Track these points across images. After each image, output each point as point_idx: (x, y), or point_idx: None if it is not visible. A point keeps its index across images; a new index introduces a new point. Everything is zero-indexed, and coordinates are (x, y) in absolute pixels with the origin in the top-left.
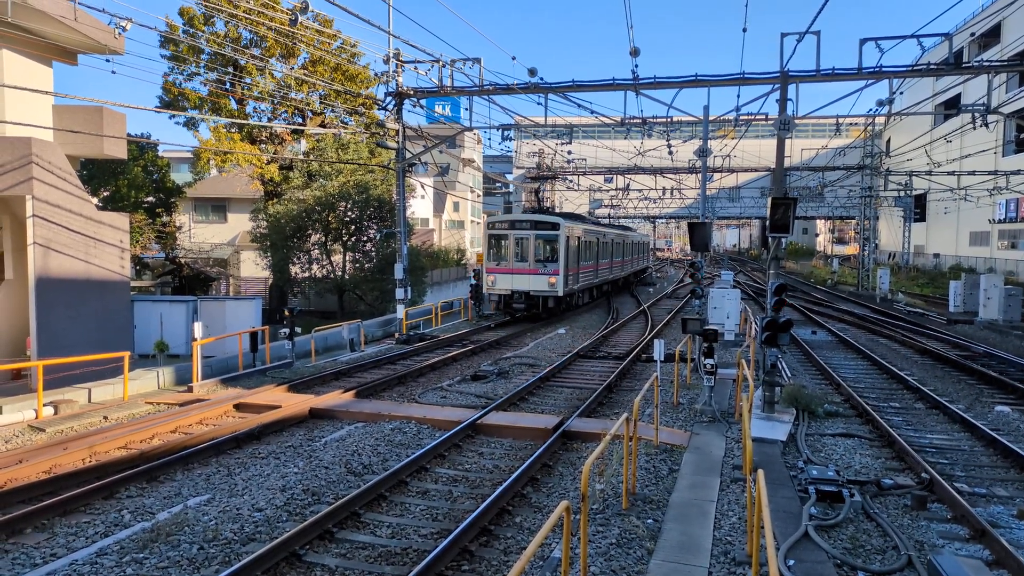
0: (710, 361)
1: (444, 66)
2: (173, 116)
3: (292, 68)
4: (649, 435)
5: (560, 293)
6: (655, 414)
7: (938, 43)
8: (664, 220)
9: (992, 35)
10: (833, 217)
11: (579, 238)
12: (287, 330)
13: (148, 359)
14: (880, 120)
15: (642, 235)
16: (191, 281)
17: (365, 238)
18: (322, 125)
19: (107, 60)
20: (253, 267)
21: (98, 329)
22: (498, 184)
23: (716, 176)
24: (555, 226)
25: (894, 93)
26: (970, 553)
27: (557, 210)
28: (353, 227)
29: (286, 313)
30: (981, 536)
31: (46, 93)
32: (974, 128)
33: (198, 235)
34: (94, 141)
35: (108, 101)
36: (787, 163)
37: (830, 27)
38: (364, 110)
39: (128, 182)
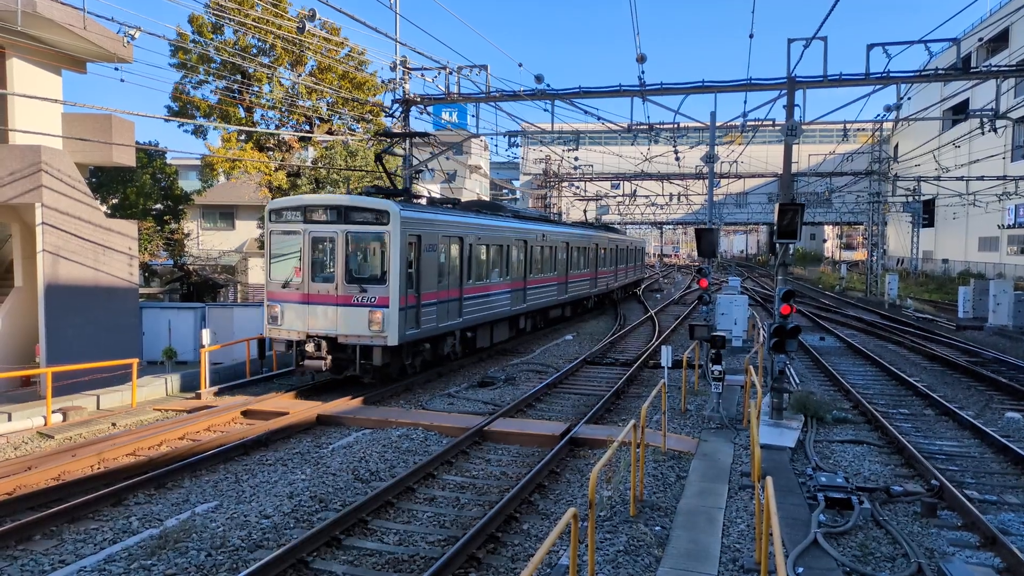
0: (718, 367)
1: (451, 73)
2: (182, 124)
3: (300, 76)
4: (657, 442)
5: (393, 341)
6: (663, 420)
7: (946, 48)
8: (672, 226)
9: (1000, 40)
10: (841, 223)
11: (459, 239)
12: None
13: (156, 366)
14: (888, 125)
15: (632, 239)
16: (199, 288)
17: None
18: (329, 132)
19: (116, 68)
20: (261, 274)
21: (107, 336)
22: (505, 191)
23: (723, 182)
24: (381, 216)
25: (902, 98)
26: (980, 561)
27: (564, 218)
28: None
29: None
30: (992, 544)
31: (55, 101)
32: (982, 133)
33: (206, 242)
34: (103, 149)
35: (117, 109)
36: (794, 169)
37: (837, 33)
38: (371, 117)
39: (136, 190)
